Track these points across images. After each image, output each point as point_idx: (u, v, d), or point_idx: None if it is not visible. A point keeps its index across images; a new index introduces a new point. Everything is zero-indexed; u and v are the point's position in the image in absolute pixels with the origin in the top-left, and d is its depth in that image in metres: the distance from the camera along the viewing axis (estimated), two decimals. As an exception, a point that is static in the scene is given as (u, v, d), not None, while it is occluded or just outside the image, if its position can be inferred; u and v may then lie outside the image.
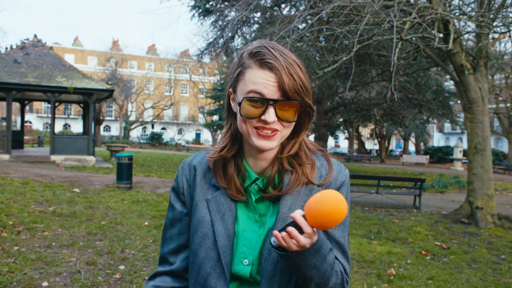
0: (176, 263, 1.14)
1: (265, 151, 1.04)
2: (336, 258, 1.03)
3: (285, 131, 1.01)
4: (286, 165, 1.06)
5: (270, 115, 0.96)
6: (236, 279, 1.06)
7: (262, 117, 0.97)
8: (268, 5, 11.81)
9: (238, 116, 1.02)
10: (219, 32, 12.69)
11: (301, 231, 0.88)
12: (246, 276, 1.04)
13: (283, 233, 0.89)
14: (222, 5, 12.80)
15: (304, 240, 0.89)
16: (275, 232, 0.90)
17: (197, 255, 1.07)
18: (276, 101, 0.96)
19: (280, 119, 0.98)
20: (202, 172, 1.12)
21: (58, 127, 47.10)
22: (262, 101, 0.96)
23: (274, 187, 1.06)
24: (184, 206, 1.14)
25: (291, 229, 0.88)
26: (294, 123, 1.02)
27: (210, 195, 1.09)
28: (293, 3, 11.81)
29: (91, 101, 17.43)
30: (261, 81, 0.96)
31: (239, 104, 0.99)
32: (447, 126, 52.52)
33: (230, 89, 1.06)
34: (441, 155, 37.86)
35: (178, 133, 59.40)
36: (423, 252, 5.77)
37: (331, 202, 0.84)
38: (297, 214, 0.89)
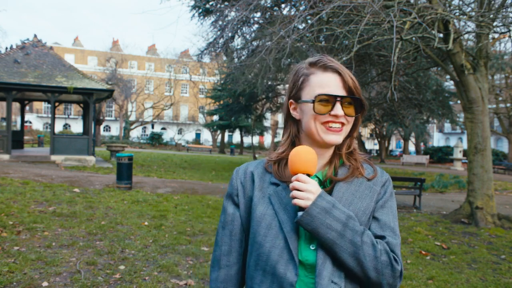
0: (230, 265, 1.23)
1: (330, 146, 1.18)
2: (384, 237, 1.12)
3: (348, 126, 1.17)
4: (345, 160, 1.21)
5: (339, 109, 1.12)
6: (304, 267, 1.10)
7: (332, 112, 1.12)
8: (268, 5, 11.80)
9: (309, 115, 1.15)
10: (219, 32, 12.67)
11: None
12: (314, 261, 1.09)
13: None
14: (222, 5, 12.78)
15: (299, 184, 1.07)
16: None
17: (263, 246, 1.13)
18: (342, 98, 1.12)
19: (345, 114, 1.13)
20: (260, 174, 1.23)
21: (58, 127, 47.09)
22: (330, 99, 1.12)
23: (331, 179, 1.19)
24: (237, 208, 1.24)
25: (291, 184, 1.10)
26: (353, 120, 1.18)
27: (272, 190, 1.18)
28: (293, 3, 11.79)
29: (91, 101, 17.42)
30: (327, 82, 1.14)
31: (313, 102, 1.13)
32: (447, 126, 52.48)
33: (291, 100, 1.22)
34: (441, 155, 37.80)
35: (178, 133, 59.37)
36: (423, 252, 5.77)
37: (291, 153, 1.11)
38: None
